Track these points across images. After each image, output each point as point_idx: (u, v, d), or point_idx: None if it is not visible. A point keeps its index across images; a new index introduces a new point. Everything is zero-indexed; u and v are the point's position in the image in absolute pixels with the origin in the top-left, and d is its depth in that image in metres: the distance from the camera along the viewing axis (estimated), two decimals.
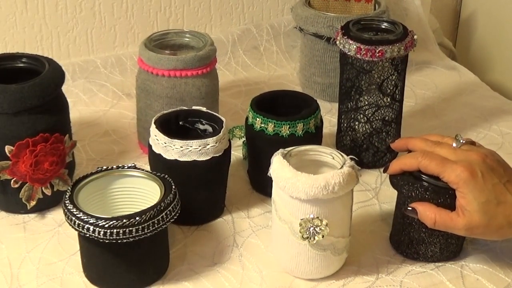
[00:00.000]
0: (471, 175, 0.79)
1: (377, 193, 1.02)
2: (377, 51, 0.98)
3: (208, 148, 0.89)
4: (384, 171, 0.88)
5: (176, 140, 0.89)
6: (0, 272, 0.86)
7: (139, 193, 0.88)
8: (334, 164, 0.84)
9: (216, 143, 0.90)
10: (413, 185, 0.84)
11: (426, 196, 0.83)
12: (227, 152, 0.93)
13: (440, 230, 0.84)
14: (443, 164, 0.81)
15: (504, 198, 0.80)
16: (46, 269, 0.87)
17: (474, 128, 1.19)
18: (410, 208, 0.84)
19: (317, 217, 0.80)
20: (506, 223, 0.80)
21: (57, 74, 0.94)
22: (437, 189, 0.82)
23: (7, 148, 0.90)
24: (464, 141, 0.85)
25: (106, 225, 0.77)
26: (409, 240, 0.88)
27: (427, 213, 0.82)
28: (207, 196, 0.94)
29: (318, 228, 0.80)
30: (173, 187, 0.84)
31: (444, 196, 0.82)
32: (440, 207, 0.82)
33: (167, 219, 0.81)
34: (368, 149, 1.06)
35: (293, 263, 0.84)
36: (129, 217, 0.78)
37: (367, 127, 1.05)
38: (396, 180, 0.86)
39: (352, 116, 1.05)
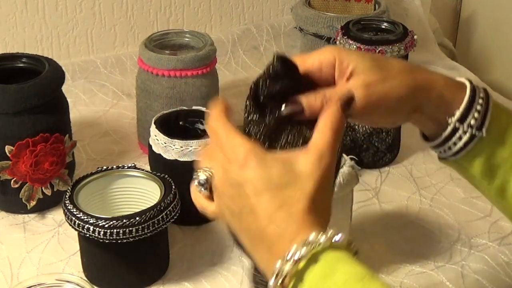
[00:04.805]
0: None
1: (377, 193, 1.02)
2: (377, 51, 0.98)
3: None
4: None
5: (176, 140, 0.89)
6: (0, 272, 0.86)
7: (139, 193, 0.88)
8: None
9: None
10: None
11: None
12: None
13: None
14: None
15: None
16: (46, 269, 0.87)
17: None
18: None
19: None
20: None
21: (57, 74, 0.94)
22: None
23: (7, 148, 0.90)
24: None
25: (106, 225, 0.77)
26: None
27: None
28: None
29: None
30: (173, 187, 0.84)
31: None
32: None
33: (167, 219, 0.81)
34: (368, 149, 1.06)
35: None
36: (129, 217, 0.78)
37: (367, 127, 1.05)
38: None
39: None
